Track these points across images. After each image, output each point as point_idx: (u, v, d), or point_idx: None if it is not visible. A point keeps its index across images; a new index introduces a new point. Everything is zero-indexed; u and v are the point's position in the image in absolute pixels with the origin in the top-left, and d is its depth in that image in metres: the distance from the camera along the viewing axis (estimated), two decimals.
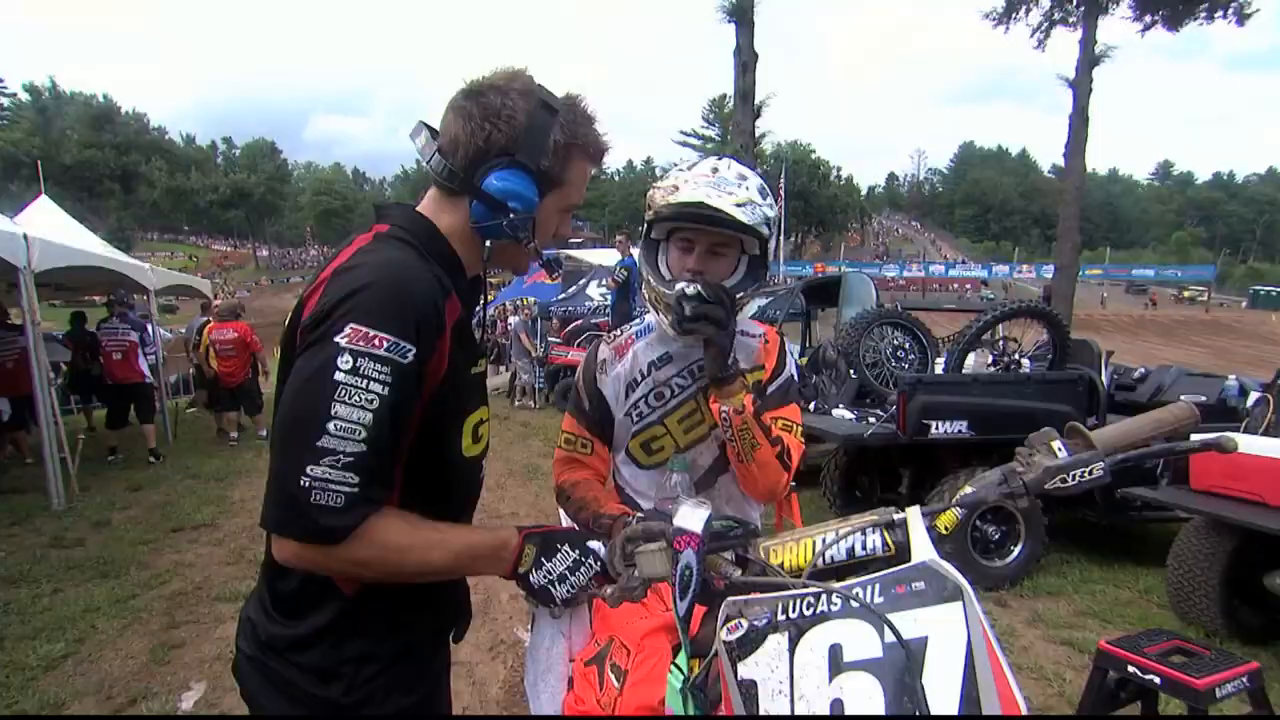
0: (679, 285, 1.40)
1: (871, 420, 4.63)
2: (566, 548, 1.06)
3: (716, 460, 1.55)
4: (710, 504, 1.01)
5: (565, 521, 1.59)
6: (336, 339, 0.89)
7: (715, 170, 1.42)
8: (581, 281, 13.19)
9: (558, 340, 11.66)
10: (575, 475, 1.58)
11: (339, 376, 0.88)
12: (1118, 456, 0.97)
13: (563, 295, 13.07)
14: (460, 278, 1.07)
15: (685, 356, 1.56)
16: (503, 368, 13.37)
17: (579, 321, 12.15)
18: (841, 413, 5.08)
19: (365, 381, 0.89)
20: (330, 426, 0.87)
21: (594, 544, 1.09)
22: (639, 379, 1.57)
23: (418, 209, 1.09)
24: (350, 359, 0.89)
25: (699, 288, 1.38)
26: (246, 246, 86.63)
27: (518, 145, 1.02)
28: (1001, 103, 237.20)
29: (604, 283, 11.98)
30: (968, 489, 0.98)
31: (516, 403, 11.71)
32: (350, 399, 0.88)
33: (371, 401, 0.89)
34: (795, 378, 1.60)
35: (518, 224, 1.04)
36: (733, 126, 15.13)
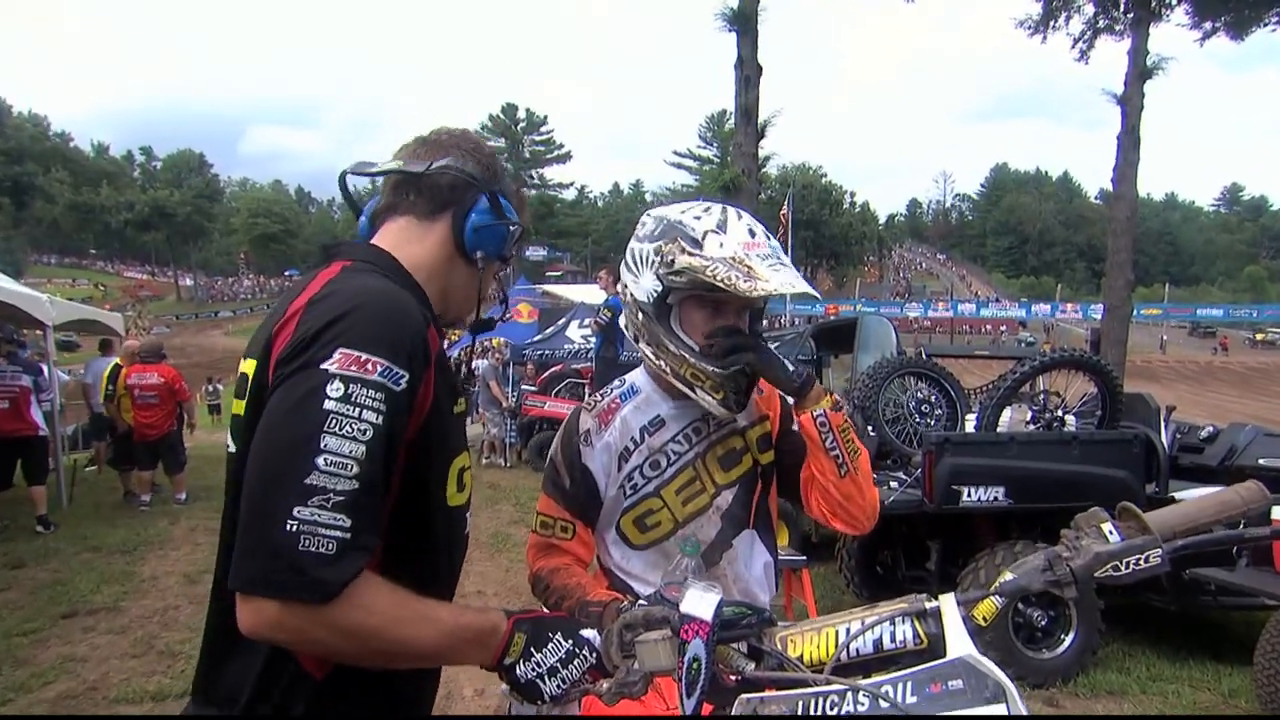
0: (732, 365, 1.49)
1: (894, 485, 4.66)
2: (559, 637, 1.08)
3: (720, 534, 1.58)
4: (720, 588, 1.05)
5: None
6: (324, 365, 0.92)
7: (753, 232, 1.48)
8: (560, 321, 13.35)
9: (533, 388, 11.71)
10: (554, 562, 1.59)
11: (329, 405, 0.91)
12: (1178, 543, 1.01)
13: (539, 337, 13.20)
14: (430, 312, 1.14)
15: (679, 418, 1.61)
16: (469, 419, 13.34)
17: (558, 367, 12.23)
18: None
19: (358, 410, 0.92)
20: (319, 461, 0.89)
21: (588, 633, 1.11)
22: (632, 447, 1.60)
23: (374, 244, 1.18)
24: (341, 385, 0.92)
25: (750, 359, 1.49)
26: (167, 275, 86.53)
27: (498, 183, 1.22)
28: (1039, 120, 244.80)
29: (586, 323, 12.09)
30: (1008, 575, 1.02)
31: (484, 460, 11.66)
32: (341, 429, 0.90)
33: (365, 432, 0.92)
34: None
35: (507, 245, 1.20)
36: (733, 148, 15.46)
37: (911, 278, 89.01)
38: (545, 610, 1.39)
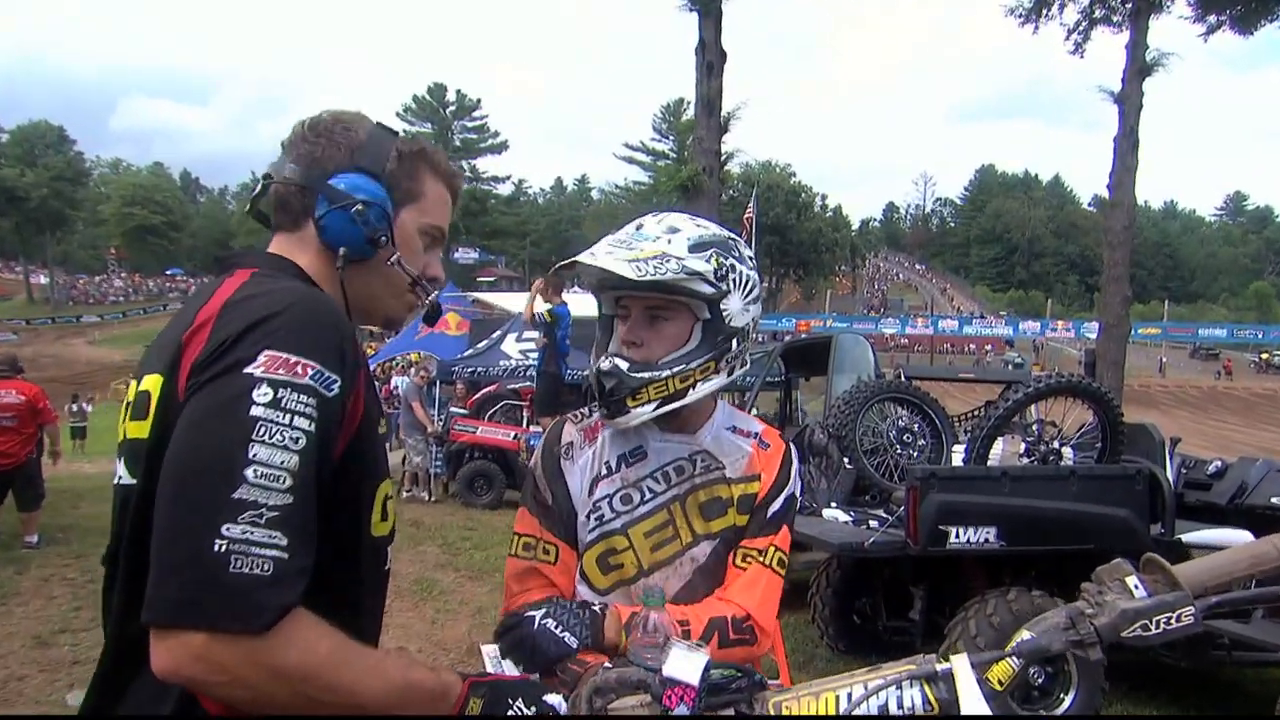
0: (599, 361, 1.55)
1: (873, 524, 4.75)
2: (520, 703, 1.09)
3: (687, 588, 1.58)
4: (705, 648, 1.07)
5: (498, 666, 1.59)
6: (249, 369, 0.94)
7: (640, 226, 1.57)
8: (495, 335, 13.20)
9: (463, 411, 11.58)
10: (537, 594, 1.57)
11: (256, 411, 0.92)
12: (1211, 600, 1.06)
13: (470, 352, 13.01)
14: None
15: (661, 453, 1.62)
16: (387, 445, 13.09)
17: (492, 387, 12.12)
18: (834, 513, 5.20)
19: (288, 416, 0.94)
20: (249, 473, 0.90)
21: (553, 698, 1.12)
22: (605, 473, 1.62)
23: (274, 252, 1.23)
24: (269, 390, 0.94)
25: (616, 362, 1.52)
26: (15, 270, 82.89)
27: (357, 156, 1.22)
28: (1029, 119, 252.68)
29: (524, 337, 12.03)
30: (1025, 634, 1.06)
31: (405, 493, 11.42)
32: (271, 437, 0.92)
33: (297, 440, 0.94)
34: (799, 497, 1.69)
35: (373, 224, 1.19)
36: (693, 142, 15.66)
37: (887, 290, 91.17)
38: (504, 671, 1.38)
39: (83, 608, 5.84)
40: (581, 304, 9.91)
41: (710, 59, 14.62)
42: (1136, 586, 1.04)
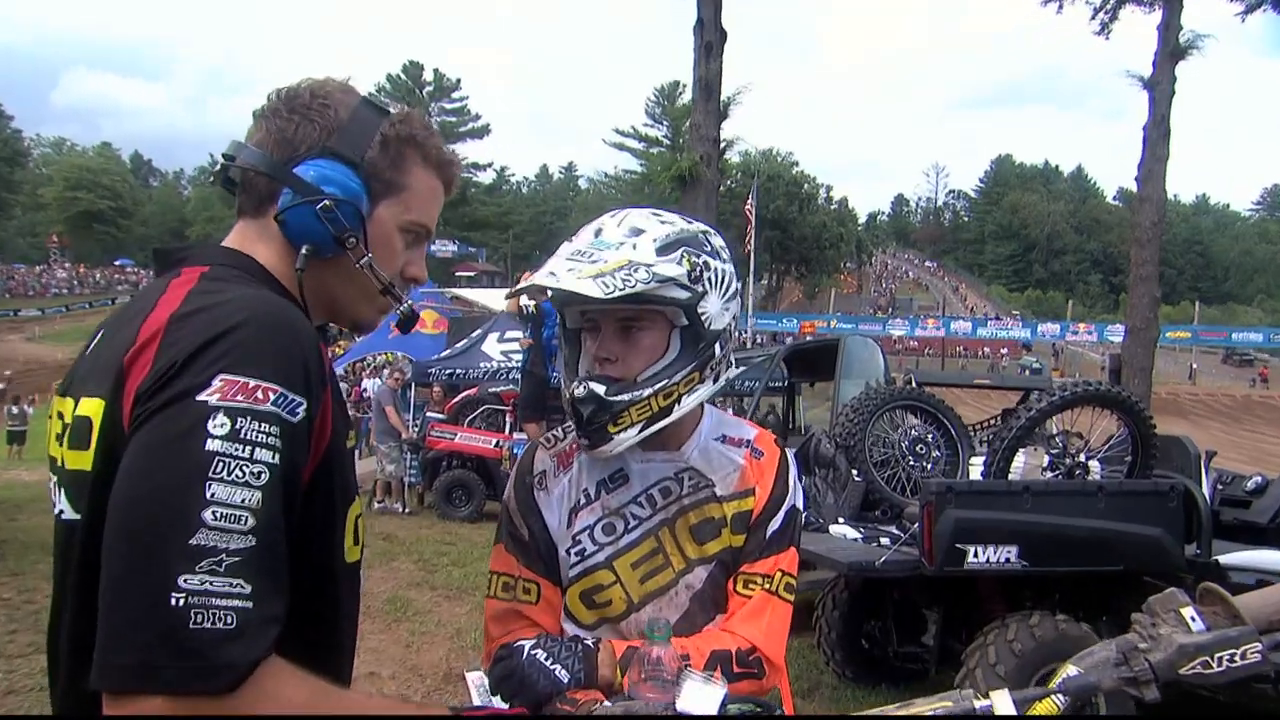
0: (571, 386, 1.51)
1: (884, 542, 4.74)
2: None
3: (685, 617, 1.56)
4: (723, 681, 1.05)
5: (485, 696, 1.58)
6: (202, 396, 0.91)
7: (599, 232, 1.52)
8: (475, 334, 13.19)
9: (440, 416, 11.61)
10: (520, 635, 1.55)
11: (212, 445, 0.89)
12: (1279, 636, 1.04)
13: (448, 352, 13.02)
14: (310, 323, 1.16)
15: (644, 475, 1.59)
16: (356, 453, 13.07)
17: (471, 391, 12.12)
18: (843, 529, 5.19)
19: (248, 449, 0.91)
20: (206, 515, 0.87)
21: None
22: (584, 501, 1.59)
23: (228, 246, 1.18)
24: (226, 420, 0.91)
25: (591, 387, 1.47)
26: None
27: (334, 138, 1.16)
28: (1049, 106, 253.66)
29: (506, 337, 12.02)
30: (1071, 669, 1.05)
31: (376, 505, 11.40)
32: (230, 474, 0.89)
33: (259, 475, 0.91)
34: (801, 509, 1.66)
35: (342, 222, 1.13)
36: (690, 129, 15.66)
37: (896, 289, 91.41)
38: (493, 704, 1.38)
39: (18, 631, 5.69)
40: None
41: (709, 39, 14.60)
42: (1194, 619, 1.02)
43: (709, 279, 1.50)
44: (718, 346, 1.54)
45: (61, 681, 1.04)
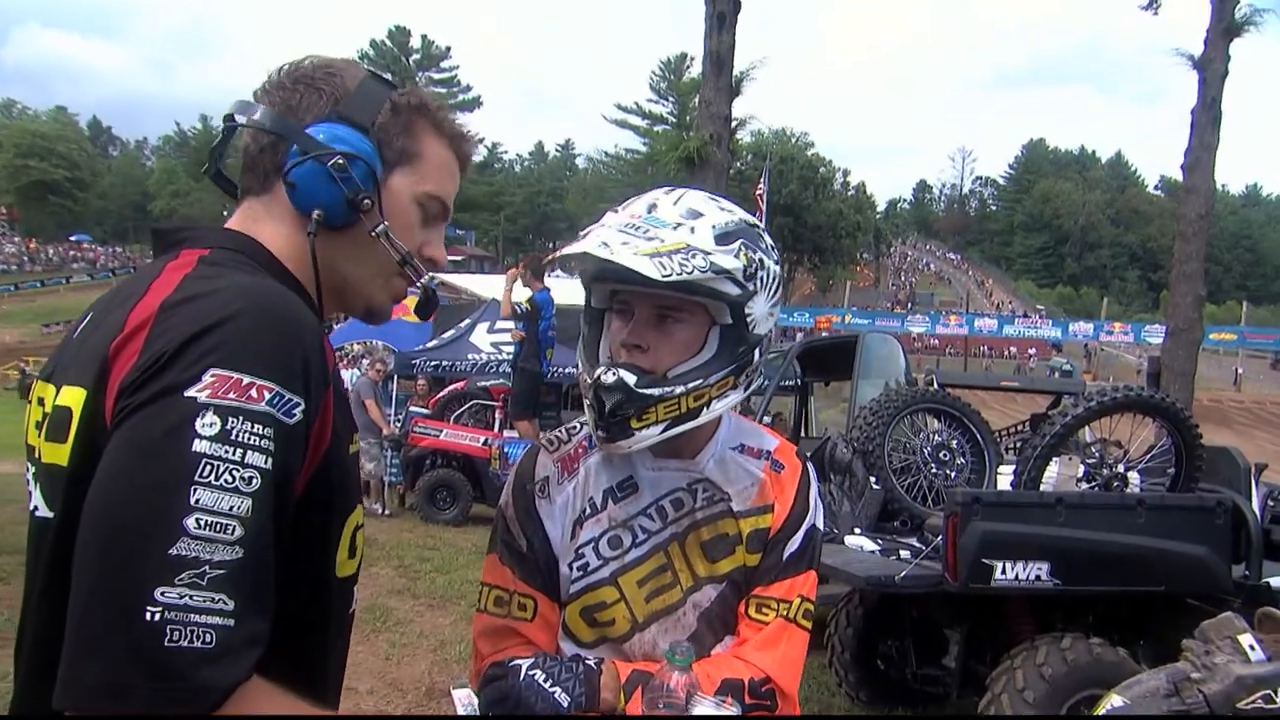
0: (597, 371, 1.47)
1: (904, 555, 4.74)
2: None
3: (694, 639, 1.54)
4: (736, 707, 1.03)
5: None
6: (191, 392, 0.90)
7: (654, 207, 1.49)
8: (464, 324, 13.16)
9: (424, 411, 11.65)
10: (514, 654, 1.53)
11: (200, 446, 0.88)
12: None
13: (433, 343, 12.98)
14: (318, 314, 1.16)
15: (655, 485, 1.57)
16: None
17: (459, 384, 12.18)
18: (858, 541, 5.18)
19: (239, 451, 0.90)
20: (189, 523, 0.86)
21: None
22: (589, 512, 1.58)
23: (231, 228, 1.18)
24: (216, 419, 0.89)
25: (621, 375, 1.44)
26: None
27: (342, 105, 1.17)
28: (1087, 87, 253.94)
29: (497, 327, 12.00)
30: (1116, 699, 1.03)
31: None
32: (218, 478, 0.88)
33: (249, 480, 0.90)
34: (822, 528, 1.64)
35: (355, 182, 1.13)
36: (699, 106, 15.58)
37: (916, 283, 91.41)
38: None
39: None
40: (566, 291, 9.92)
41: (721, 8, 14.50)
42: (1252, 647, 1.01)
43: (761, 278, 1.49)
44: (756, 352, 1.52)
45: (20, 692, 1.03)
